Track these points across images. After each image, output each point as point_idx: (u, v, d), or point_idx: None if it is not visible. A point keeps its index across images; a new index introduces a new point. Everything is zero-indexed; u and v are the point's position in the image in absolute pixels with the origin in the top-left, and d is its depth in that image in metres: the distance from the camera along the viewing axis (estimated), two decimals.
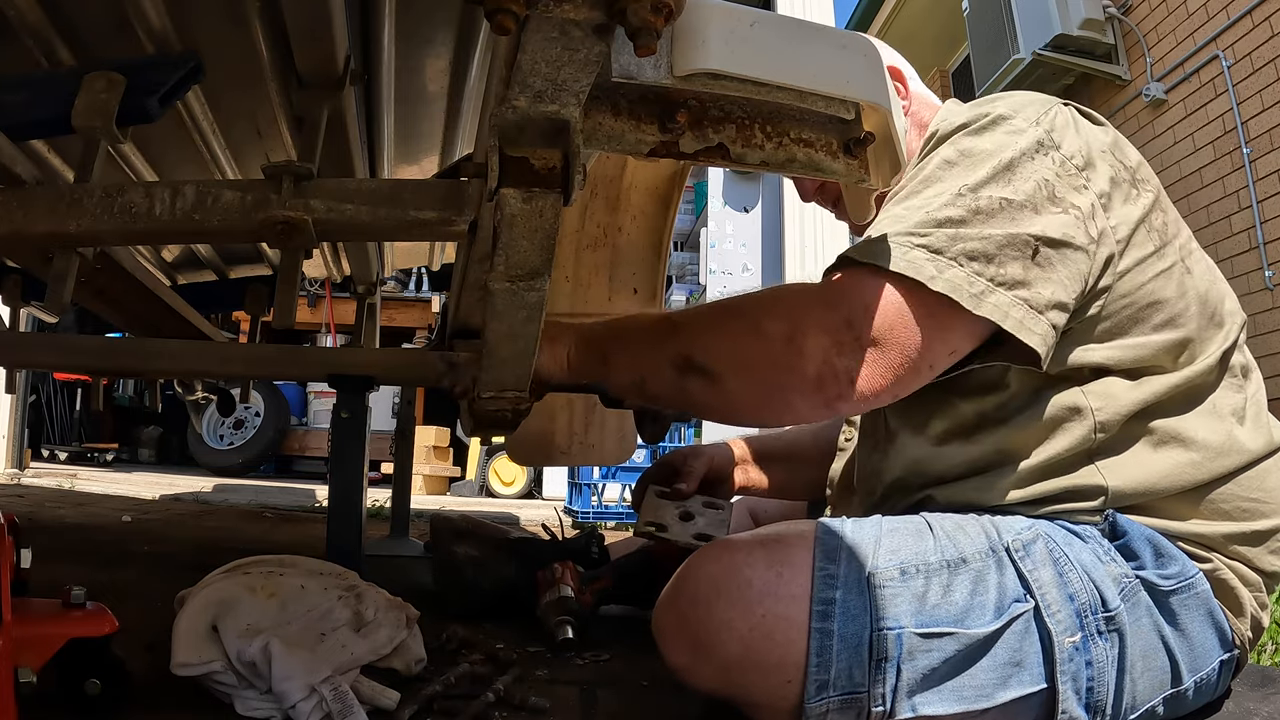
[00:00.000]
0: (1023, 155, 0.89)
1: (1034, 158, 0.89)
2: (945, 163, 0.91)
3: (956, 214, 0.85)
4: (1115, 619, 0.82)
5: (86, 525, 2.42)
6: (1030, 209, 0.86)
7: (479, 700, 0.90)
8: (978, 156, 0.90)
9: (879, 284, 0.84)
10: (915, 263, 0.83)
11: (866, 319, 0.82)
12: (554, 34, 0.52)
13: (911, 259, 0.83)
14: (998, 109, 0.94)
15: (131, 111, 1.15)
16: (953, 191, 0.87)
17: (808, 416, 0.91)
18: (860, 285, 0.85)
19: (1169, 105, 4.77)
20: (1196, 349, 0.93)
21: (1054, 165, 0.89)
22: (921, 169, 0.94)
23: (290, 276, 1.16)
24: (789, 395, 0.85)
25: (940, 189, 0.89)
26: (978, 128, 0.93)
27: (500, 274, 0.76)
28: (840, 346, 0.82)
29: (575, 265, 1.74)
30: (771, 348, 0.85)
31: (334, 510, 1.48)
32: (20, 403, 4.27)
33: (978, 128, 0.93)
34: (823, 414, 0.87)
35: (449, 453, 5.93)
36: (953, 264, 0.83)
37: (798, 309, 0.87)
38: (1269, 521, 0.92)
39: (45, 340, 2.16)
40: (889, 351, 0.83)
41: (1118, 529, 0.89)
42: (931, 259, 0.83)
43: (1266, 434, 0.95)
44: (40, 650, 0.76)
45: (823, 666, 0.78)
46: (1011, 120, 0.92)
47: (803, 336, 0.83)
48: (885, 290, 0.83)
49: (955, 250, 0.83)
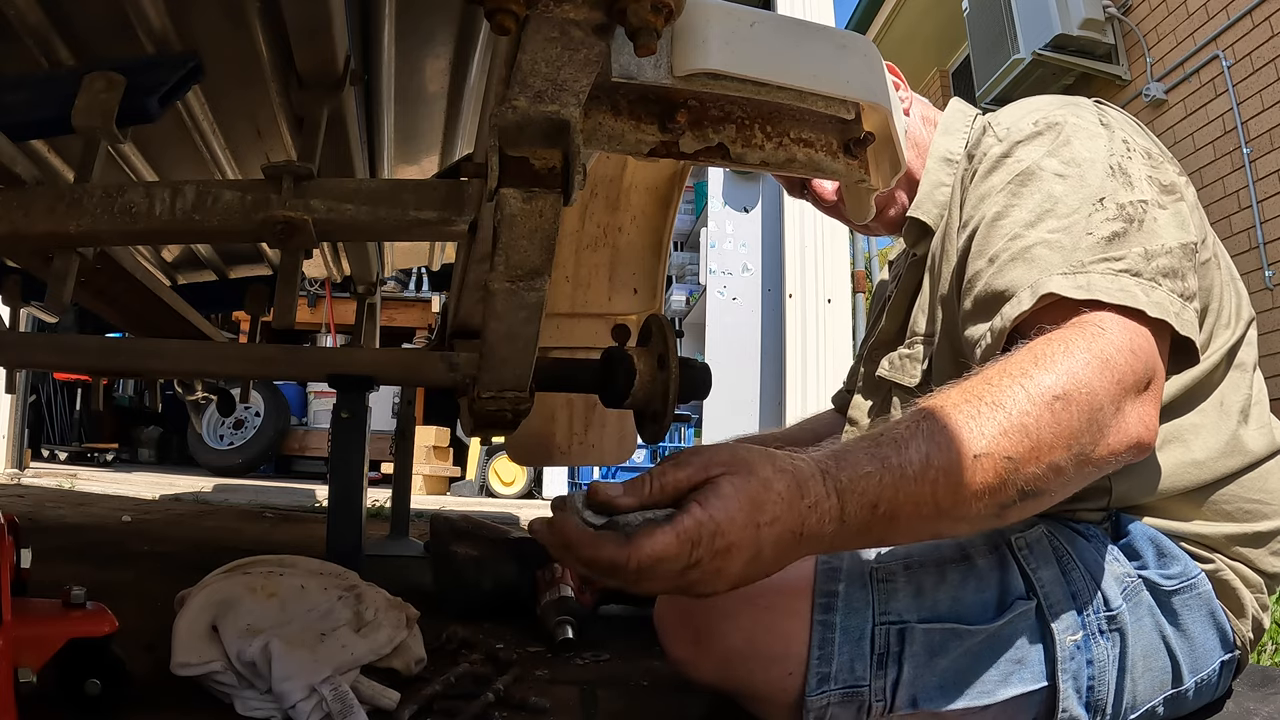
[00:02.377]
0: (1123, 156, 0.87)
1: (1130, 157, 0.87)
2: (1055, 175, 0.86)
3: (1119, 228, 0.81)
4: (1117, 618, 0.82)
5: (86, 525, 2.42)
6: (1160, 206, 0.85)
7: (479, 700, 0.90)
8: (1084, 165, 0.86)
9: (1126, 322, 0.77)
10: (1129, 290, 0.78)
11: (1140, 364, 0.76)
12: (554, 34, 0.52)
13: (1124, 285, 0.78)
14: (1057, 113, 0.91)
15: (131, 111, 1.15)
16: (1090, 202, 0.83)
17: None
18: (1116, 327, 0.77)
19: (1169, 105, 4.77)
20: (1210, 343, 0.93)
21: (1145, 161, 0.88)
22: (996, 180, 0.90)
23: (290, 276, 1.16)
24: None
25: (1067, 203, 0.84)
26: (1060, 138, 0.89)
27: (500, 274, 0.76)
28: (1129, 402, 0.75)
29: (575, 265, 1.74)
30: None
31: (334, 510, 1.49)
32: (20, 403, 4.26)
33: (1060, 138, 0.89)
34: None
35: (449, 453, 5.93)
36: (1153, 285, 0.79)
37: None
38: (1270, 523, 0.92)
39: (45, 340, 2.16)
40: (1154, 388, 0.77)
41: (1120, 528, 0.89)
42: (1139, 284, 0.78)
43: (1269, 435, 0.95)
44: (40, 650, 0.76)
45: (824, 659, 0.78)
46: (1083, 124, 0.90)
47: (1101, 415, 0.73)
48: (1134, 327, 0.77)
49: (1151, 270, 0.80)
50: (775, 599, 0.80)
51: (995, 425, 0.68)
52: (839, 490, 0.64)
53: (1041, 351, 0.73)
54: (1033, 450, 0.68)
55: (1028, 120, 0.93)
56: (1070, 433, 0.69)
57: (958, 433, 0.67)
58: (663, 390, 1.13)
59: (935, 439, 0.67)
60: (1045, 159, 0.88)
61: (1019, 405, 0.69)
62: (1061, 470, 0.70)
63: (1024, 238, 0.83)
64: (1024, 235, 0.83)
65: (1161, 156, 0.91)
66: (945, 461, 0.66)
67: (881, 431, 0.69)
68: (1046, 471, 0.69)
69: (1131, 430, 0.73)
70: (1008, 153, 0.91)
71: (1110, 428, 0.72)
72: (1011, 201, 0.87)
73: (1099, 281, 0.78)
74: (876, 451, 0.66)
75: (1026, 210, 0.85)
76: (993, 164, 0.92)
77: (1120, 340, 0.74)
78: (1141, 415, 0.74)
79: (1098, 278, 0.78)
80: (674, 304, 5.64)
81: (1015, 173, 0.89)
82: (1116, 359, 0.73)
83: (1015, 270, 0.82)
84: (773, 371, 3.65)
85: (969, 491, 0.67)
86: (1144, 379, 0.75)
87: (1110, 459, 0.73)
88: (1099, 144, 0.88)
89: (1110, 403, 0.71)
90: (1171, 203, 0.86)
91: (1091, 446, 0.71)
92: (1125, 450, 0.74)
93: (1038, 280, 0.79)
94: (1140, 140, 0.92)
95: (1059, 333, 0.75)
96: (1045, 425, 0.68)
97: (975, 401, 0.69)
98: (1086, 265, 0.79)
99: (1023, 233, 0.84)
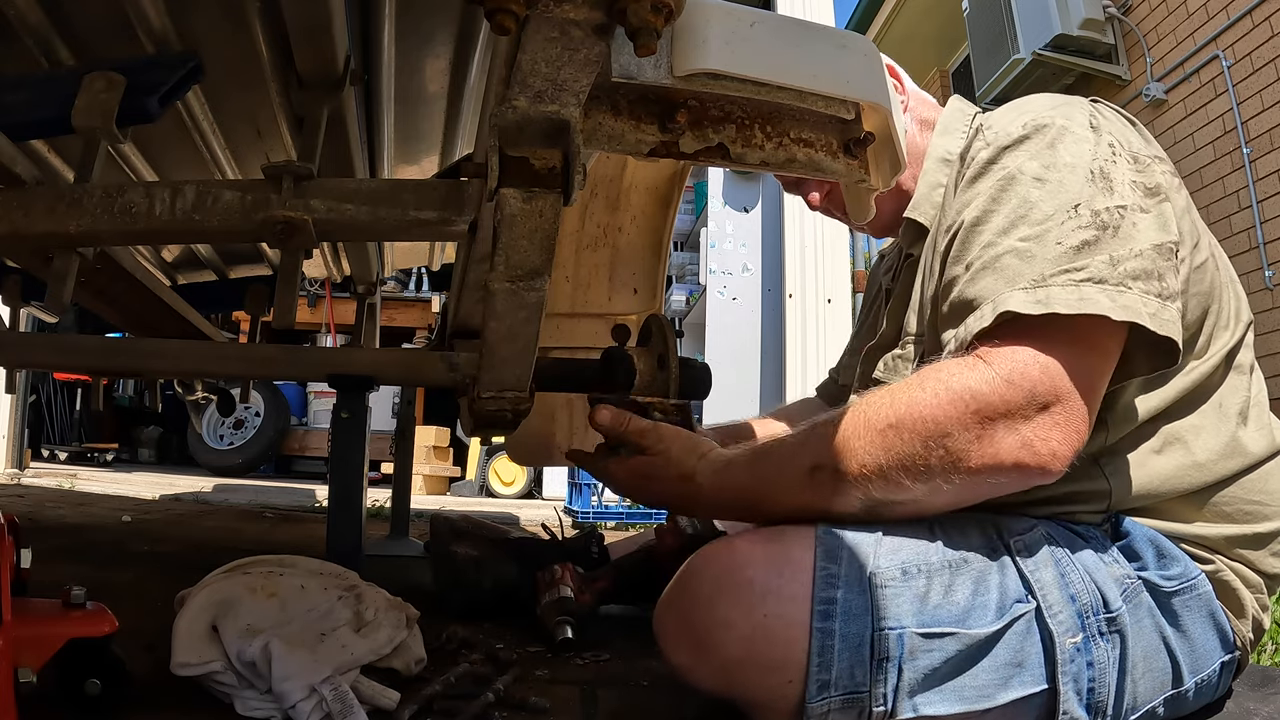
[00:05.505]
0: (1108, 160, 0.87)
1: (1115, 161, 0.87)
2: (1035, 180, 0.86)
3: (1090, 236, 0.82)
4: (1117, 620, 0.82)
5: (86, 525, 2.42)
6: (1141, 210, 0.85)
7: (479, 700, 0.90)
8: (1065, 170, 0.86)
9: (1052, 335, 0.79)
10: (1089, 298, 0.79)
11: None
12: (554, 34, 0.52)
13: (1084, 294, 0.79)
14: (1046, 115, 0.91)
15: (131, 111, 1.15)
16: (1065, 209, 0.83)
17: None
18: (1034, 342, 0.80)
19: (1169, 105, 4.77)
20: (1209, 346, 0.93)
21: (1130, 165, 0.88)
22: (981, 185, 0.90)
23: (290, 276, 1.16)
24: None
25: (1041, 209, 0.84)
26: (1045, 142, 0.89)
27: (500, 274, 0.76)
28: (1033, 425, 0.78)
29: (575, 265, 1.74)
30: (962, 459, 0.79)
31: (334, 510, 1.48)
32: (20, 403, 4.27)
33: (1045, 142, 0.89)
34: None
35: (449, 453, 5.92)
36: (1121, 289, 0.80)
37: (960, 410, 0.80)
38: (1271, 524, 0.92)
39: (45, 340, 2.16)
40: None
41: (1120, 530, 0.89)
42: (1103, 290, 0.79)
43: (1269, 436, 0.95)
44: (40, 650, 0.76)
45: (824, 666, 0.78)
46: (1071, 127, 0.89)
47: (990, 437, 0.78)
48: (1028, 357, 0.79)
49: (1118, 274, 0.80)
50: (774, 607, 0.79)
51: (830, 446, 0.83)
52: (719, 484, 0.91)
53: (908, 383, 0.83)
54: (862, 468, 0.81)
55: (1017, 123, 0.92)
56: (901, 456, 0.80)
57: (805, 450, 0.86)
58: (663, 390, 1.13)
59: (788, 453, 0.87)
60: (1027, 163, 0.88)
61: (855, 431, 0.83)
62: (904, 486, 0.80)
63: (997, 245, 0.85)
64: (997, 243, 0.85)
65: (1151, 159, 0.91)
66: (791, 472, 0.86)
67: (771, 440, 0.91)
68: (885, 484, 0.81)
69: (1004, 455, 0.77)
70: (993, 158, 0.91)
71: (969, 452, 0.78)
72: (991, 207, 0.88)
73: (1058, 294, 0.79)
74: (752, 459, 0.90)
75: (1002, 216, 0.86)
76: (979, 169, 0.92)
77: (997, 373, 0.79)
78: (1023, 439, 0.77)
79: (1057, 290, 0.79)
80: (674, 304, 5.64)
81: (998, 178, 0.89)
82: (980, 389, 0.78)
83: (985, 280, 0.84)
84: (773, 371, 3.65)
85: (811, 494, 0.85)
86: (1027, 404, 0.77)
87: (982, 476, 0.79)
88: (1084, 148, 0.87)
89: (963, 430, 0.78)
90: (1155, 205, 0.86)
91: (945, 469, 0.79)
92: (997, 471, 0.78)
93: (1001, 295, 0.82)
94: (1131, 142, 0.91)
95: (939, 365, 0.83)
96: (873, 447, 0.81)
97: (830, 424, 0.85)
98: (1048, 279, 0.80)
99: (996, 240, 0.85)
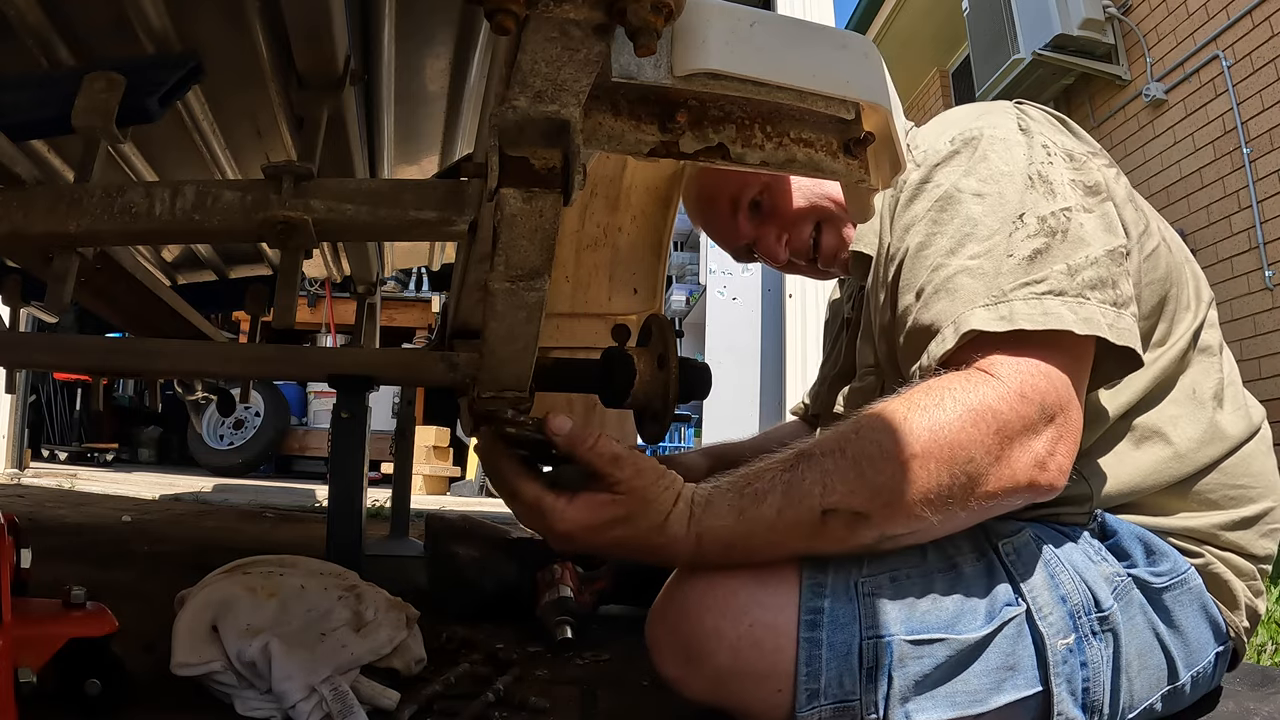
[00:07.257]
0: (1044, 163, 0.86)
1: (1051, 162, 0.86)
2: (974, 196, 0.85)
3: (1040, 244, 0.81)
4: (1109, 619, 0.82)
5: (86, 525, 2.42)
6: (1085, 210, 0.84)
7: (479, 700, 0.90)
8: (1002, 179, 0.85)
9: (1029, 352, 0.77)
10: (1053, 312, 0.77)
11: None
12: (554, 34, 0.52)
13: (1047, 308, 0.77)
14: (973, 127, 0.90)
15: (131, 111, 1.15)
16: (1009, 220, 0.82)
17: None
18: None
19: (1169, 105, 4.77)
20: (1171, 332, 0.93)
21: (1066, 164, 0.87)
22: (918, 208, 0.88)
23: (290, 276, 1.16)
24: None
25: (986, 225, 0.83)
26: (976, 154, 0.88)
27: (500, 274, 0.76)
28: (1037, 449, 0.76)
29: (575, 265, 1.74)
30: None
31: (334, 510, 1.49)
32: (20, 403, 4.26)
33: (976, 154, 0.88)
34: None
35: (449, 453, 5.92)
36: (1080, 301, 0.78)
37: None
38: (1257, 506, 0.92)
39: (45, 340, 2.16)
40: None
41: (1107, 528, 0.89)
42: (1064, 303, 0.78)
43: (1246, 417, 0.95)
44: (40, 650, 0.76)
45: (812, 675, 0.78)
46: (1000, 134, 0.88)
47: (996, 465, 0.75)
48: (1031, 366, 0.77)
49: (1077, 285, 0.79)
50: (760, 616, 0.79)
51: (846, 483, 0.73)
52: (699, 533, 0.76)
53: (916, 401, 0.76)
54: (886, 507, 0.74)
55: (944, 138, 0.91)
56: (927, 489, 0.73)
57: (811, 489, 0.74)
58: (663, 390, 1.13)
59: (790, 494, 0.74)
60: (963, 179, 0.87)
61: (873, 463, 0.73)
62: (923, 518, 0.74)
63: (946, 267, 0.83)
64: (946, 264, 0.84)
65: (1086, 155, 0.90)
66: (795, 517, 0.74)
67: (755, 475, 0.76)
68: (907, 520, 0.74)
69: (1020, 475, 0.75)
70: (926, 178, 0.90)
71: (988, 475, 0.74)
72: (933, 230, 0.87)
73: (1021, 309, 0.78)
74: (738, 503, 0.75)
75: (947, 237, 0.85)
76: (913, 191, 0.91)
77: (1009, 386, 0.76)
78: (1036, 456, 0.75)
79: (1020, 304, 0.78)
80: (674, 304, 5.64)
81: (935, 198, 0.88)
82: (999, 408, 0.74)
83: (939, 304, 0.82)
84: (773, 371, 3.65)
85: (820, 542, 0.76)
86: (1039, 418, 0.76)
87: (997, 499, 0.75)
88: (1017, 153, 0.87)
89: (985, 453, 0.74)
90: (1098, 204, 0.85)
91: (963, 495, 0.74)
92: (1012, 493, 0.76)
93: (960, 315, 0.80)
94: (1063, 140, 0.91)
95: (944, 380, 0.77)
96: (898, 483, 0.73)
97: (836, 454, 0.75)
98: (1008, 293, 0.79)
99: (945, 261, 0.84)
